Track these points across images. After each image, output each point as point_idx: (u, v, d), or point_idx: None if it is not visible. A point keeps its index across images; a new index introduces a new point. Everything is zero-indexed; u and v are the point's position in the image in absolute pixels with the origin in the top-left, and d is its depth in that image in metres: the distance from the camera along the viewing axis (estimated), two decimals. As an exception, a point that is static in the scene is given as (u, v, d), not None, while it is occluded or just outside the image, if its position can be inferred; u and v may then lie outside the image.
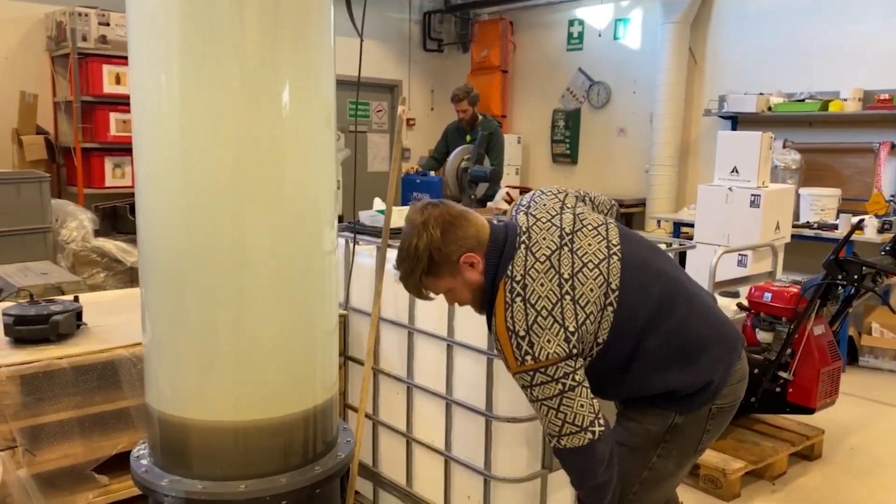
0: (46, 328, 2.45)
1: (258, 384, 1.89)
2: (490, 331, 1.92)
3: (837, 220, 5.69)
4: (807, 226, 5.68)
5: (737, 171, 4.80)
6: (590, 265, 1.86)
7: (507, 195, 6.28)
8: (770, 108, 6.37)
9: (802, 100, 6.30)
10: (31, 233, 4.93)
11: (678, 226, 6.48)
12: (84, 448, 2.43)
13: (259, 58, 1.70)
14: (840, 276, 3.48)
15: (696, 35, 7.21)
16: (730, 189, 4.81)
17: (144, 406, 2.03)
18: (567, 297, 1.81)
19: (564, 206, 2.00)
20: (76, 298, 2.86)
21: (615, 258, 1.90)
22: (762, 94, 6.36)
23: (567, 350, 1.79)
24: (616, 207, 2.30)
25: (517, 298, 1.82)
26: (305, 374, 2.00)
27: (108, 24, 5.86)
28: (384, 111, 9.16)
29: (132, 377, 2.45)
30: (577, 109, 8.39)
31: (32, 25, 6.28)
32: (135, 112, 1.82)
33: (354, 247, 3.03)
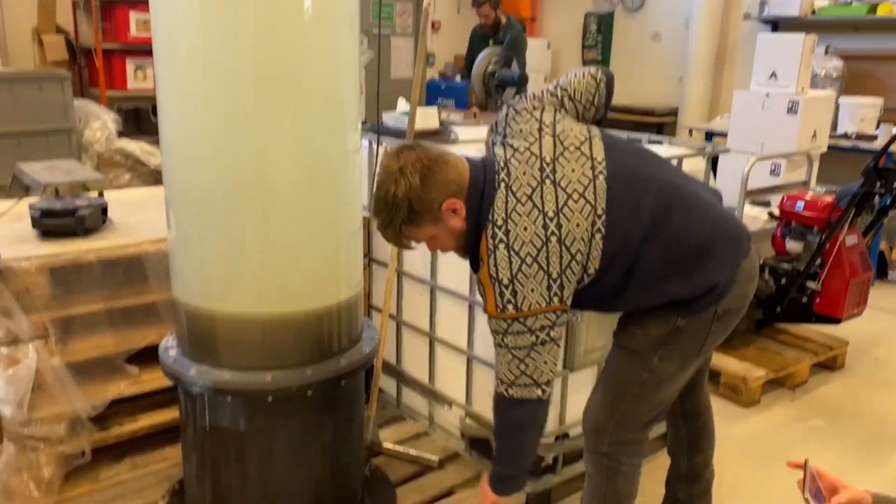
0: (72, 222, 2.47)
1: (284, 278, 1.90)
2: (475, 272, 1.84)
3: (877, 131, 5.48)
4: (844, 136, 5.49)
5: (775, 77, 4.61)
6: (574, 195, 1.76)
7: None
8: (814, 12, 6.06)
9: (849, 2, 5.97)
10: (55, 133, 4.93)
11: (710, 136, 6.28)
12: (114, 340, 2.49)
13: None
14: (878, 185, 3.38)
15: (739, -68, 6.81)
16: (767, 95, 4.63)
17: (171, 301, 2.05)
18: (553, 238, 1.73)
19: (543, 127, 1.85)
20: (101, 195, 2.87)
21: (601, 178, 1.79)
22: (806, -4, 6.05)
23: (548, 298, 1.73)
24: (603, 82, 2.01)
25: (500, 245, 1.73)
26: (330, 271, 2.01)
27: (127, -82, 5.66)
28: (409, 13, 8.86)
29: (158, 273, 2.47)
30: (611, 13, 8.05)
31: (47, -82, 6.07)
32: (154, 11, 1.80)
33: (378, 148, 2.98)
